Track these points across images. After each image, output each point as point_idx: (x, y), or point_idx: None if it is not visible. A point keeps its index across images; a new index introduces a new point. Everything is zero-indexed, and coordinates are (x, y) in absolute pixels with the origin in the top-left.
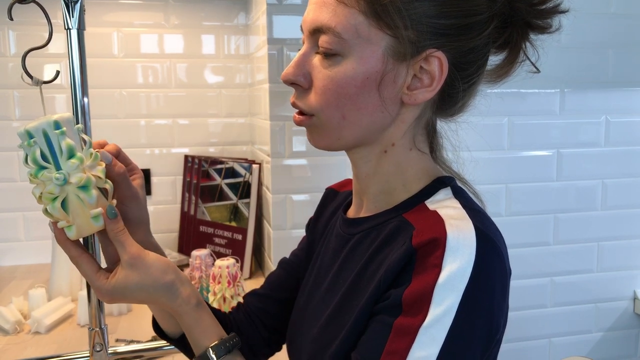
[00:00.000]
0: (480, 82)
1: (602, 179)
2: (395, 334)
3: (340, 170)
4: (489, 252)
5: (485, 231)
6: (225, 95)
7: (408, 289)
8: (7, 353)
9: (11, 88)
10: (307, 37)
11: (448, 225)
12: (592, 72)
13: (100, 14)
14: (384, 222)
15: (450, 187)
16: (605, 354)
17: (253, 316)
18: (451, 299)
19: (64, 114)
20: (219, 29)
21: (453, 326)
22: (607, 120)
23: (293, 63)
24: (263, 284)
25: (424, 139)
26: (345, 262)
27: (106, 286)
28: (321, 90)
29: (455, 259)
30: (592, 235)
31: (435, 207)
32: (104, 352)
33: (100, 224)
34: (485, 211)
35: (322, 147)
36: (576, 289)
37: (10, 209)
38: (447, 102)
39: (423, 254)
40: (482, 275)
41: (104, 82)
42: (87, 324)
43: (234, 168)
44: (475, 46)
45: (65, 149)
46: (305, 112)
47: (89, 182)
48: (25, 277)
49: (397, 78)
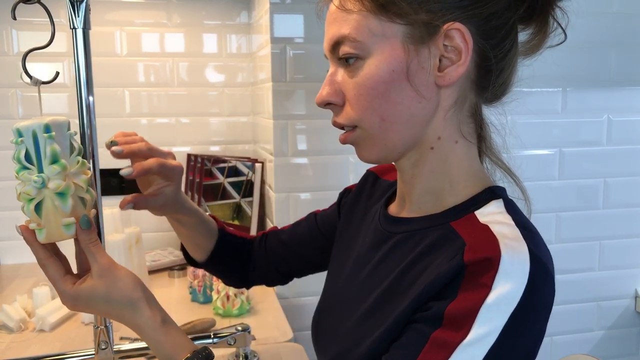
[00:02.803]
0: (516, 52)
1: (604, 177)
2: (431, 346)
3: (342, 169)
4: (541, 278)
5: (539, 256)
6: (227, 94)
7: (453, 304)
8: (11, 351)
9: (14, 87)
10: (330, 58)
11: (503, 245)
12: (594, 71)
13: (103, 12)
14: (429, 227)
15: (502, 199)
16: (607, 352)
17: (270, 257)
18: (497, 321)
19: (59, 117)
20: (221, 27)
21: (494, 347)
22: (609, 119)
23: (323, 85)
24: (287, 230)
25: (471, 127)
26: (384, 261)
27: (70, 291)
28: (354, 99)
29: (507, 282)
30: (593, 234)
31: (487, 221)
32: (109, 349)
33: (71, 233)
34: (536, 229)
35: (374, 159)
36: (578, 287)
37: (12, 208)
38: (486, 78)
39: (474, 272)
40: (531, 300)
41: (106, 81)
42: (91, 322)
43: (237, 167)
44: (495, 11)
45: (50, 154)
46: (346, 127)
47: (67, 189)
48: (29, 275)
49: (423, 63)
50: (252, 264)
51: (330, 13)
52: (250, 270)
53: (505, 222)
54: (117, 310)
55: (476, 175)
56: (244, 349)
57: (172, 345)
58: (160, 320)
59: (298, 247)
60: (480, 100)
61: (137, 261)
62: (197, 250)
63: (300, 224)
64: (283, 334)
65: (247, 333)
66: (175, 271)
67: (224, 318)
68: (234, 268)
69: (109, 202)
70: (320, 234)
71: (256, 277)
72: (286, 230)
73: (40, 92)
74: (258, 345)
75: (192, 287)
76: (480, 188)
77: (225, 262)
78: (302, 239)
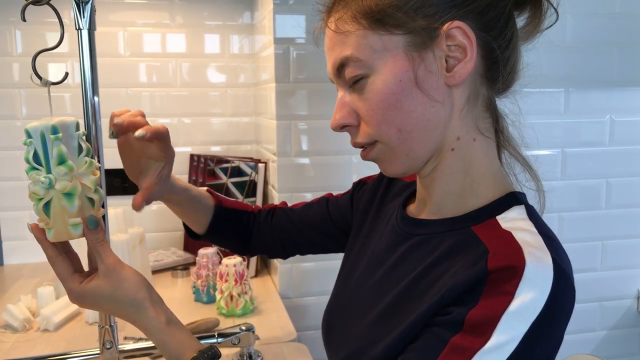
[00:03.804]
0: (517, 37)
1: (606, 178)
2: (450, 351)
3: (345, 169)
4: (564, 288)
5: (562, 265)
6: (230, 95)
7: (474, 310)
8: (16, 350)
9: (17, 87)
10: (336, 81)
11: (527, 253)
12: (596, 72)
13: (106, 13)
14: (449, 230)
15: (524, 205)
16: (609, 352)
17: (277, 233)
18: (518, 329)
19: (68, 118)
20: (223, 28)
21: (513, 355)
22: (612, 120)
23: (335, 110)
24: (299, 211)
25: (488, 122)
26: (402, 262)
27: (77, 289)
28: (368, 116)
29: (530, 290)
30: (596, 234)
31: (509, 227)
32: (114, 349)
33: (78, 233)
34: (556, 236)
35: (400, 172)
36: (580, 287)
37: (16, 208)
38: (494, 70)
39: (496, 279)
40: (553, 310)
41: (110, 81)
42: (95, 322)
43: (240, 167)
44: (490, 2)
45: (56, 155)
46: (366, 145)
47: (74, 190)
48: (33, 275)
49: (430, 67)
50: (256, 234)
51: (328, 39)
52: (253, 238)
53: (528, 229)
54: (123, 309)
55: (496, 177)
56: (248, 348)
57: (177, 344)
58: (165, 320)
59: (307, 230)
60: (492, 92)
61: (141, 261)
62: (194, 225)
63: (311, 208)
64: (287, 333)
65: (251, 333)
66: (179, 271)
67: (228, 318)
68: (234, 239)
69: (113, 202)
70: (330, 220)
71: (258, 247)
72: (297, 210)
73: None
74: (262, 345)
75: (195, 286)
76: (502, 192)
77: (223, 234)
78: (312, 223)
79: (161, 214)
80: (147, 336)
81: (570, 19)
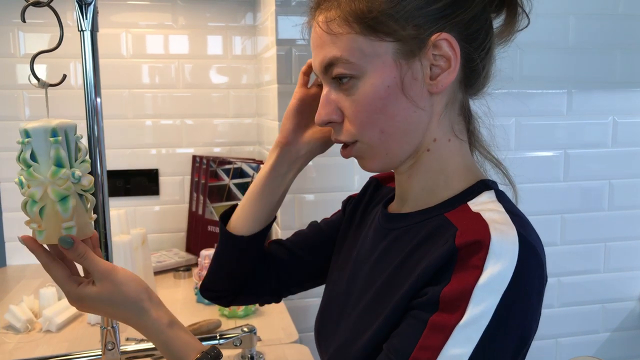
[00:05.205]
0: (494, 46)
1: (609, 179)
2: (430, 330)
3: (347, 170)
4: (530, 259)
5: (527, 238)
6: (232, 96)
7: (447, 287)
8: (19, 351)
9: (21, 89)
10: (322, 77)
11: (492, 228)
12: (599, 73)
13: (109, 14)
14: (425, 219)
15: (493, 190)
16: (612, 354)
17: (270, 264)
18: (489, 301)
19: (66, 121)
20: (225, 29)
21: (488, 327)
22: (614, 121)
23: (320, 105)
24: (290, 239)
25: (462, 125)
26: (383, 256)
27: (76, 292)
28: (353, 117)
29: (497, 262)
30: (599, 236)
31: (479, 210)
32: (116, 350)
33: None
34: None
35: (378, 168)
36: (583, 289)
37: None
38: (472, 77)
39: (465, 254)
40: (521, 280)
41: (112, 82)
42: (97, 323)
43: (242, 168)
44: (474, 15)
45: (54, 158)
46: (348, 143)
47: (69, 194)
48: (35, 276)
49: (415, 74)
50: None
51: (317, 36)
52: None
53: (496, 209)
54: (123, 313)
55: (469, 170)
56: (250, 350)
57: (180, 346)
58: (166, 322)
59: (300, 251)
60: (467, 96)
61: (143, 262)
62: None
63: (301, 232)
64: (288, 335)
65: (253, 334)
66: (181, 272)
67: (230, 319)
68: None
69: (115, 203)
70: (328, 238)
71: (252, 287)
72: (288, 239)
73: (47, 94)
74: (264, 346)
75: (197, 288)
76: (473, 181)
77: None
78: (304, 243)
79: (163, 215)
80: (149, 338)
81: (573, 20)
